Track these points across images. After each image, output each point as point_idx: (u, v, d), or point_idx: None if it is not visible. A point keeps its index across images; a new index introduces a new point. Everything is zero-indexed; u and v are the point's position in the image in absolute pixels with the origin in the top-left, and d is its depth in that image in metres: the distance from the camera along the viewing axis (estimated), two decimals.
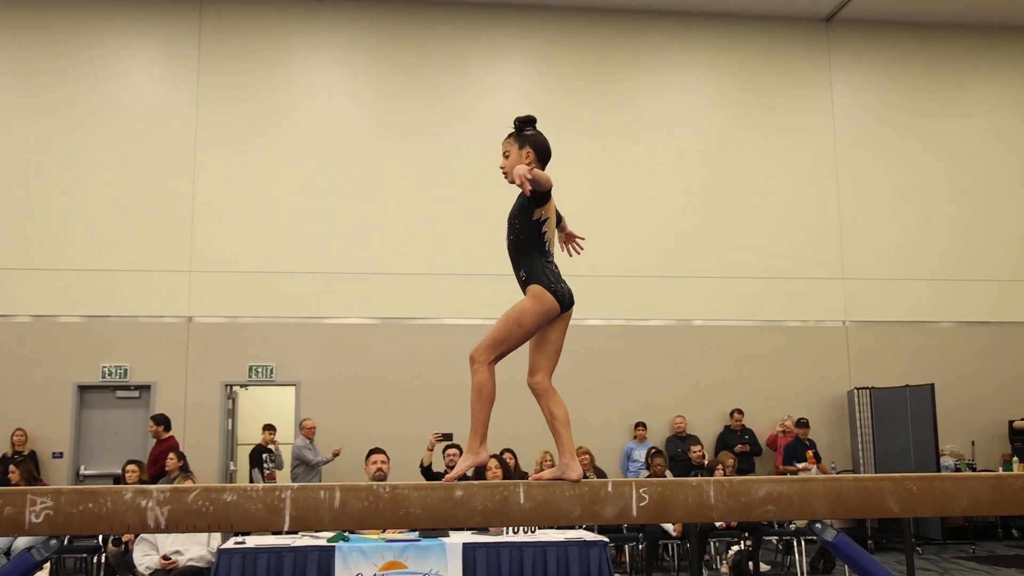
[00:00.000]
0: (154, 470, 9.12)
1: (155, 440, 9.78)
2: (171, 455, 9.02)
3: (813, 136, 12.66)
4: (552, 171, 3.42)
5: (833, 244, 12.43)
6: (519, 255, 3.37)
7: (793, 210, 12.44)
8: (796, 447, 10.84)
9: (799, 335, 12.19)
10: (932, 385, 11.23)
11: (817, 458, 10.64)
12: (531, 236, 3.35)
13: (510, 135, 3.48)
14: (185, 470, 8.51)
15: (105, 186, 11.36)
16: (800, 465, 10.56)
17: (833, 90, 12.79)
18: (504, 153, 3.46)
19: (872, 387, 11.90)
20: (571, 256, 3.69)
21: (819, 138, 12.65)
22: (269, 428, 10.69)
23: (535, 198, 3.32)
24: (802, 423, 11.06)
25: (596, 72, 12.42)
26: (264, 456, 10.38)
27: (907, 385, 11.57)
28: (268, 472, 10.29)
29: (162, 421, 9.82)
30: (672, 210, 12.20)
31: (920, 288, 12.42)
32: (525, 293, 3.33)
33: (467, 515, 3.11)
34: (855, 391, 11.95)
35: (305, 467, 10.37)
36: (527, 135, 3.45)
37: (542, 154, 3.45)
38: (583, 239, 3.67)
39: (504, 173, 3.42)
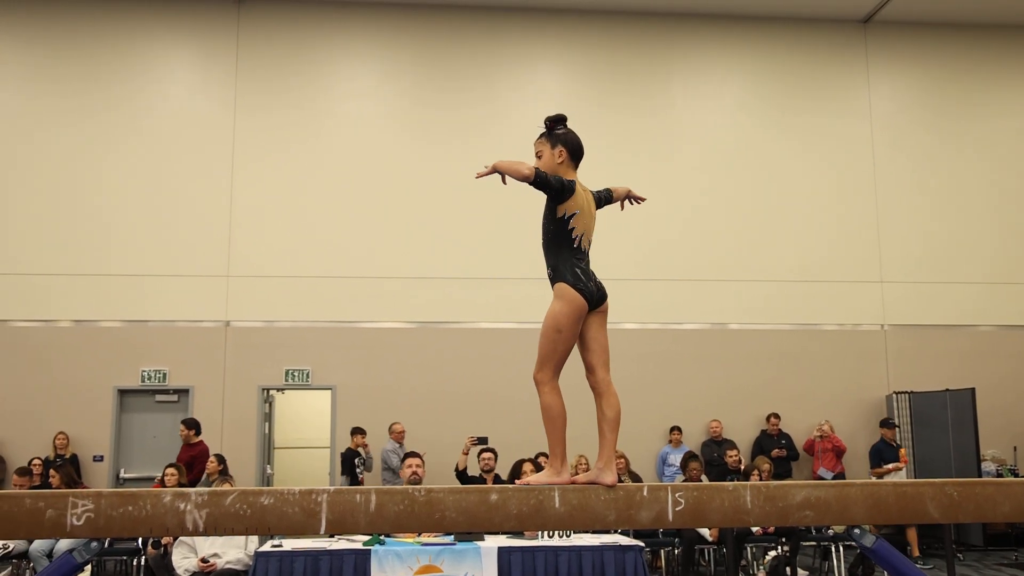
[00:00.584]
0: (190, 475, 9.19)
1: (184, 444, 9.82)
2: (212, 458, 9.11)
3: (850, 138, 12.52)
4: (585, 175, 3.42)
5: (871, 247, 12.28)
6: (549, 252, 3.39)
7: (830, 213, 12.31)
8: (883, 448, 10.73)
9: (837, 339, 12.06)
10: (973, 389, 11.06)
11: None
12: (558, 233, 3.36)
13: (542, 135, 3.49)
14: (225, 473, 8.59)
15: (144, 192, 11.52)
16: (891, 465, 10.47)
17: (871, 91, 12.65)
18: (537, 153, 3.47)
19: (911, 391, 11.74)
20: (632, 205, 3.75)
21: (856, 140, 12.52)
22: (359, 432, 10.65)
23: (554, 197, 3.32)
24: (890, 424, 10.91)
25: (629, 76, 12.38)
26: (356, 460, 10.43)
27: (947, 389, 11.40)
28: (360, 476, 10.34)
29: (193, 425, 9.82)
30: (707, 213, 12.12)
31: (960, 291, 12.23)
32: (553, 289, 3.34)
33: (502, 519, 3.11)
34: (894, 395, 11.79)
35: (391, 472, 10.25)
36: (559, 134, 3.46)
37: (574, 152, 3.46)
38: (643, 199, 3.73)
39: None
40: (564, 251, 3.34)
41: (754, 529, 8.67)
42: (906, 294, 12.20)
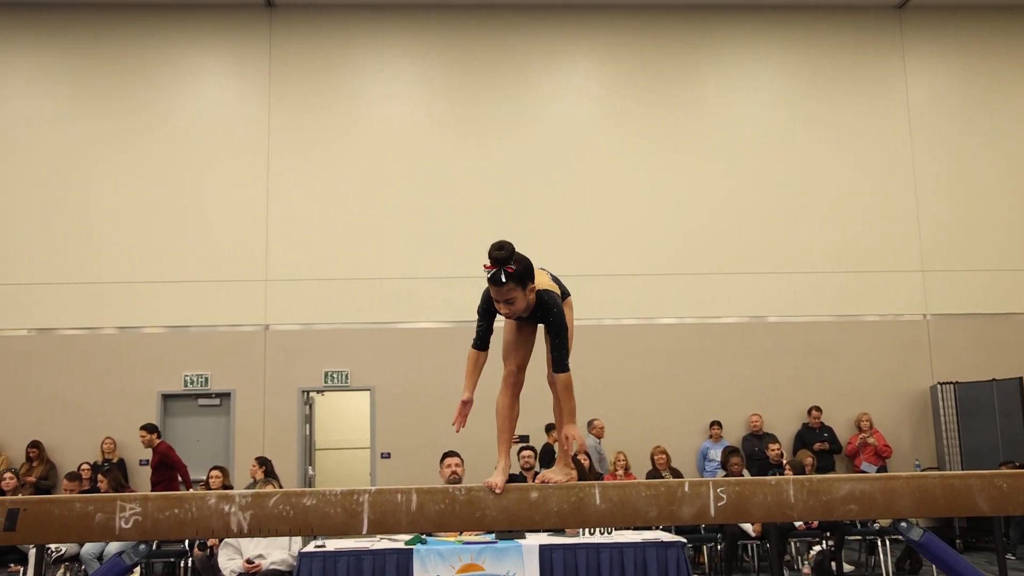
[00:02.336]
0: (154, 477, 9.17)
1: (151, 449, 9.46)
2: (253, 463, 9.20)
3: (888, 126, 12.34)
4: (621, 171, 3.41)
5: (911, 235, 12.10)
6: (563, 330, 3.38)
7: (869, 202, 12.15)
8: None
9: (878, 329, 11.90)
10: (1020, 378, 10.86)
11: None
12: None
13: (507, 281, 3.21)
14: (270, 475, 8.66)
15: (183, 200, 11.67)
16: None
17: (908, 78, 12.46)
18: (508, 300, 3.27)
19: (956, 382, 11.55)
20: None
21: (894, 127, 12.33)
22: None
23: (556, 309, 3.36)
24: None
25: (662, 70, 12.31)
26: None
27: (993, 379, 11.21)
28: None
29: (153, 429, 9.49)
30: (743, 206, 12.02)
31: (1004, 278, 12.01)
32: (555, 312, 3.34)
33: (543, 517, 3.12)
34: (938, 386, 11.61)
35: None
36: (517, 272, 3.23)
37: (533, 275, 3.33)
38: None
39: (507, 315, 3.36)
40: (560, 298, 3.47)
41: (797, 524, 8.58)
42: (948, 282, 12.00)
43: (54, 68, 11.99)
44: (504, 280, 3.20)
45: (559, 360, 3.32)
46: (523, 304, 3.29)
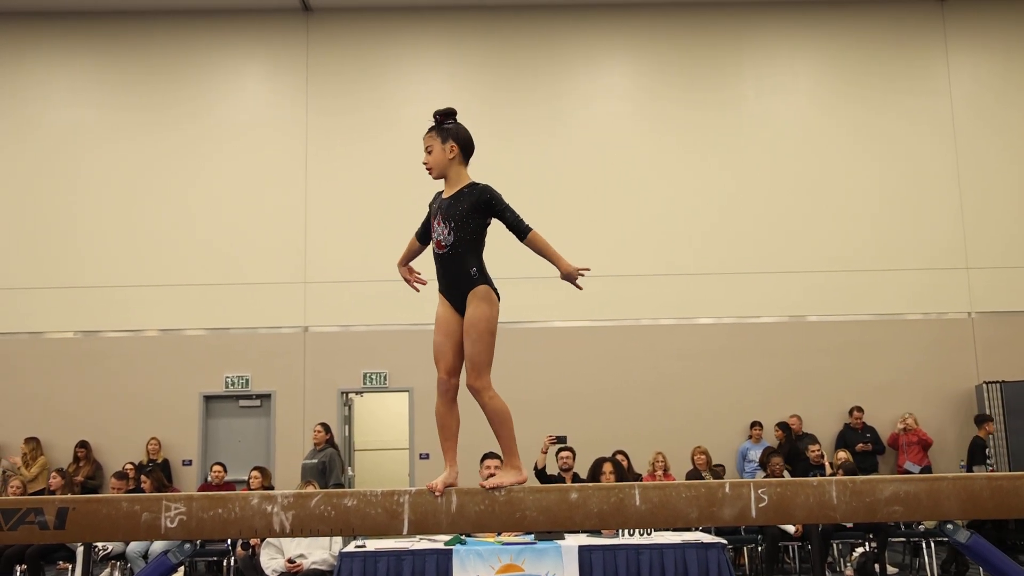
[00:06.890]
0: None
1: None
2: (255, 472, 9.22)
3: (930, 121, 12.15)
4: (658, 171, 3.40)
5: (955, 232, 11.90)
6: (469, 254, 3.40)
7: (912, 199, 11.96)
8: None
9: (921, 329, 11.72)
10: None
11: None
12: (480, 238, 3.44)
13: (431, 129, 3.44)
14: (270, 488, 8.69)
15: (223, 204, 11.81)
16: None
17: (951, 72, 12.26)
18: (427, 148, 3.43)
19: (1003, 381, 11.34)
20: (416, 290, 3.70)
21: (936, 123, 12.14)
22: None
23: (491, 210, 3.40)
24: None
25: (699, 70, 12.22)
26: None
27: None
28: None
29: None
30: (783, 204, 11.90)
31: None
32: (468, 292, 3.34)
33: (583, 518, 3.11)
34: (984, 385, 11.41)
35: None
36: (448, 128, 3.43)
37: (465, 147, 3.46)
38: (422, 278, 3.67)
39: (428, 169, 3.45)
40: (480, 255, 3.43)
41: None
42: (994, 280, 11.79)
43: (95, 78, 12.19)
44: (432, 127, 3.40)
45: (517, 225, 3.44)
46: (439, 158, 3.39)
